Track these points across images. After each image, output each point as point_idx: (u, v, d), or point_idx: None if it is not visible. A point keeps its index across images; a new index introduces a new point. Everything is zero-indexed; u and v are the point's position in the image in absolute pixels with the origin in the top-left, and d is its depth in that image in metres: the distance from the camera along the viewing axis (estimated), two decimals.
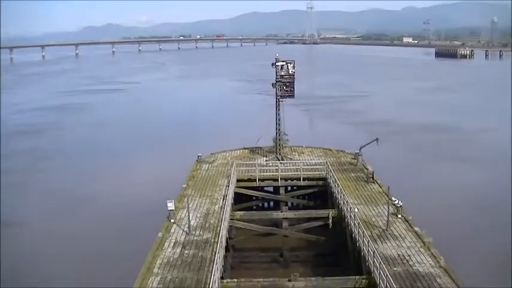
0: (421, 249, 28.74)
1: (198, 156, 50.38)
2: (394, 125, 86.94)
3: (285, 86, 48.48)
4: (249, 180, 44.01)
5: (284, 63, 48.37)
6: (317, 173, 44.32)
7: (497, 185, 53.86)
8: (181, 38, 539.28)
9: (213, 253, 28.95)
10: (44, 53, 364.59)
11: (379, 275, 24.97)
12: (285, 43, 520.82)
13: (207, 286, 24.84)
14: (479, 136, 79.93)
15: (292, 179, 44.68)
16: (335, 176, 40.87)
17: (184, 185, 42.38)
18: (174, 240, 31.21)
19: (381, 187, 40.20)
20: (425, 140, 76.68)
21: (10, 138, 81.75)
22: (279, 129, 49.95)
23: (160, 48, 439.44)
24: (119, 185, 57.14)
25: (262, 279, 28.12)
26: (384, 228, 31.96)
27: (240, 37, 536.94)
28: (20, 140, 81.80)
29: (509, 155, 63.80)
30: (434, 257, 27.62)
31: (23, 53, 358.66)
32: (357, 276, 27.34)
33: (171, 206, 34.44)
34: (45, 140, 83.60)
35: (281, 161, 48.00)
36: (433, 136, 79.31)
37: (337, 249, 36.48)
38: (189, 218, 32.71)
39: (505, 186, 52.87)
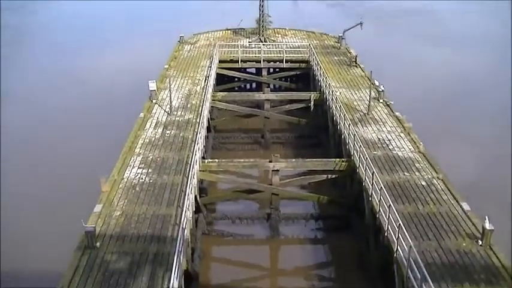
0: (401, 134, 27.86)
1: (181, 36, 48.22)
2: (379, 8, 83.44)
3: None
4: (232, 61, 42.34)
5: None
6: (300, 55, 42.67)
7: (477, 68, 53.05)
8: None
9: (195, 133, 27.87)
10: None
11: (358, 158, 24.20)
12: None
13: (188, 166, 23.98)
14: (463, 20, 77.60)
15: (274, 61, 43.22)
16: (318, 59, 39.31)
17: (166, 66, 40.61)
18: (155, 121, 29.94)
19: (363, 71, 38.77)
20: (410, 24, 74.15)
21: None
22: (263, 11, 47.41)
23: None
24: (100, 63, 54.86)
25: (243, 160, 27.34)
26: (365, 112, 30.91)
27: None
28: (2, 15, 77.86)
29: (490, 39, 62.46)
30: (414, 142, 26.86)
31: None
32: (337, 159, 26.59)
33: (152, 86, 32.86)
34: (27, 16, 79.46)
35: (264, 43, 46.07)
36: (417, 19, 76.70)
37: (318, 132, 35.74)
38: (170, 98, 31.26)
39: (485, 69, 52.14)
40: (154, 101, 32.65)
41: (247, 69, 44.25)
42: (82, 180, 27.67)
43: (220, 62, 41.47)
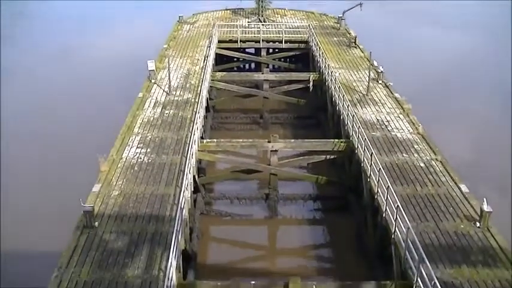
0: (400, 116, 27.60)
1: (180, 16, 47.70)
2: None
3: None
4: (231, 41, 41.91)
5: None
6: (299, 35, 42.25)
7: (478, 51, 52.54)
8: None
9: (193, 113, 27.60)
10: None
11: (357, 139, 24.00)
12: None
13: (187, 146, 23.78)
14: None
15: (274, 41, 42.75)
16: (317, 40, 38.92)
17: (165, 46, 40.18)
18: (154, 101, 29.64)
19: (362, 52, 38.41)
20: (410, 5, 73.32)
21: None
22: None
23: None
24: (99, 42, 54.37)
25: (241, 140, 27.07)
26: (364, 93, 30.63)
27: None
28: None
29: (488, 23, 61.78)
30: (413, 123, 26.61)
31: None
32: (336, 140, 26.37)
33: (151, 66, 32.52)
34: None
35: (263, 23, 45.59)
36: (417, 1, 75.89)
37: (317, 112, 35.46)
38: (169, 78, 30.95)
39: (483, 52, 51.65)
40: (153, 80, 32.31)
41: (246, 50, 43.86)
42: (81, 159, 27.47)
43: (219, 42, 41.03)
